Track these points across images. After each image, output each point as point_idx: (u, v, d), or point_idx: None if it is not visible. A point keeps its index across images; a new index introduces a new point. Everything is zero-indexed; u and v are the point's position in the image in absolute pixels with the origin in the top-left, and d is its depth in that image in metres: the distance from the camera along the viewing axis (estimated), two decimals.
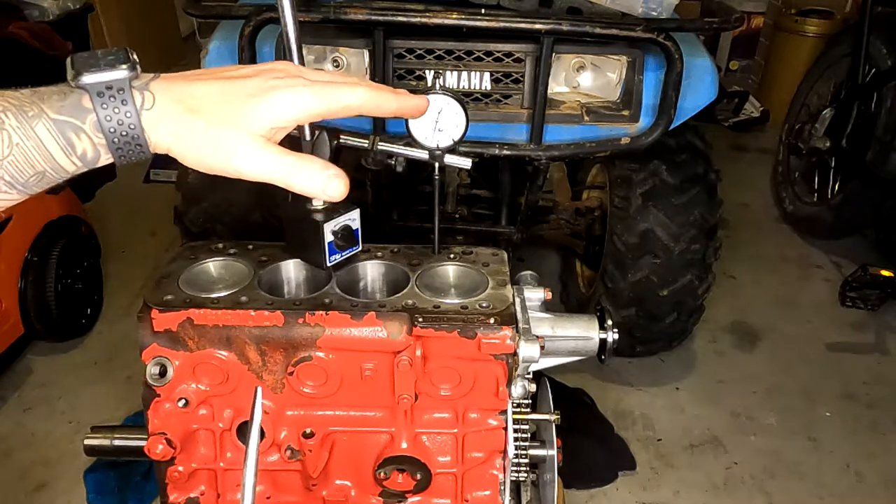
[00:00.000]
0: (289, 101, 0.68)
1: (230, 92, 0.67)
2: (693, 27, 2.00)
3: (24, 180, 0.62)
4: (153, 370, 1.00)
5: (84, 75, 0.63)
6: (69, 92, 0.63)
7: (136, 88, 0.64)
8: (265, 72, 0.70)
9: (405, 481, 1.09)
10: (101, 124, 0.63)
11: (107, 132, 0.63)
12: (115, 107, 0.63)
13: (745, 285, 3.33)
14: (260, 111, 0.67)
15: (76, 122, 0.63)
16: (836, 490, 2.32)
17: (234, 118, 0.67)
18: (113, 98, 0.63)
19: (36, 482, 2.26)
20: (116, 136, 0.64)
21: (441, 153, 1.08)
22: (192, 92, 0.67)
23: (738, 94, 4.99)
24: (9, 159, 0.61)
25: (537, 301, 1.16)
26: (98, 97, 0.63)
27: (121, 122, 0.63)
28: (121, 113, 0.63)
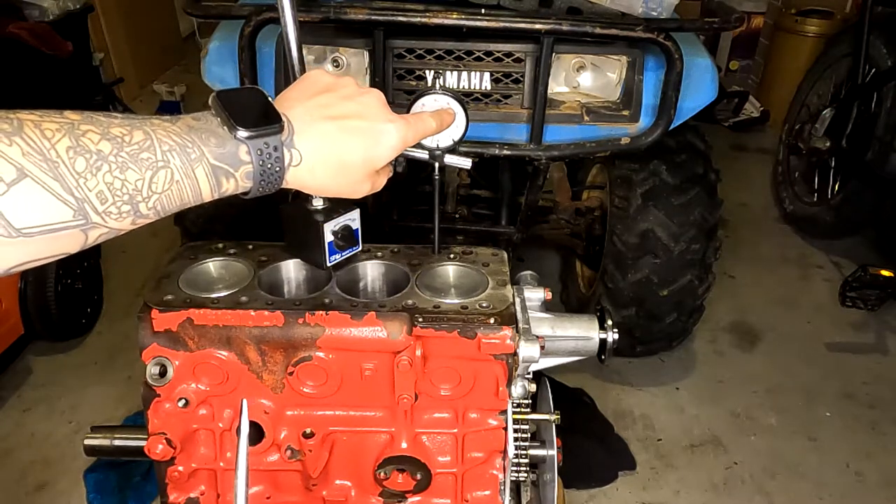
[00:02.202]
0: (395, 143, 0.84)
1: (360, 134, 0.81)
2: (693, 27, 2.00)
3: (169, 208, 0.69)
4: (153, 370, 1.00)
5: (244, 130, 0.71)
6: (227, 140, 0.71)
7: (285, 146, 0.75)
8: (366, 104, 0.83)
9: (405, 481, 1.09)
10: (253, 174, 0.73)
11: (256, 180, 0.73)
12: (269, 163, 0.73)
13: (745, 285, 3.33)
14: (377, 154, 0.83)
15: (230, 170, 0.71)
16: (836, 490, 2.32)
17: (363, 163, 0.81)
18: (269, 155, 0.73)
19: (36, 482, 2.26)
20: (262, 181, 0.74)
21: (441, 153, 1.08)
22: (325, 146, 0.78)
23: (738, 94, 4.99)
24: (166, 193, 0.67)
25: (537, 301, 1.16)
26: (257, 154, 0.72)
27: (270, 170, 0.73)
28: (272, 166, 0.73)
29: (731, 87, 5.08)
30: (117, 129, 0.64)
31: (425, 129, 0.91)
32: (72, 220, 0.62)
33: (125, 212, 0.65)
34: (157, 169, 0.66)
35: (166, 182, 0.66)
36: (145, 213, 0.67)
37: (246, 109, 0.72)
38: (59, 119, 0.62)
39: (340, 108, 0.81)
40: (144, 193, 0.65)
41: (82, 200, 0.62)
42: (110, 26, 4.80)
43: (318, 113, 0.79)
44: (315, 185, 0.81)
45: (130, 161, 0.64)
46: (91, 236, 0.64)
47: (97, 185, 0.62)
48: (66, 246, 0.64)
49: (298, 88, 0.83)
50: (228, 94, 0.74)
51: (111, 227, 0.65)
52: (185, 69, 5.61)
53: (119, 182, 0.63)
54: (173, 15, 5.81)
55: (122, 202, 0.64)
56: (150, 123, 0.67)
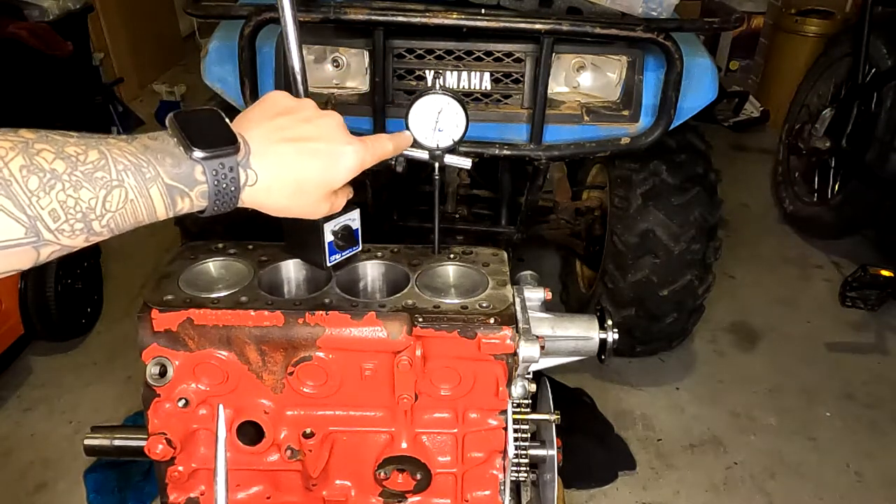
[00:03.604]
0: (353, 165, 0.85)
1: (315, 156, 0.82)
2: (693, 27, 2.00)
3: (123, 226, 0.70)
4: (153, 370, 1.00)
5: (200, 151, 0.72)
6: (183, 160, 0.72)
7: (241, 166, 0.76)
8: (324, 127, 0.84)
9: (405, 481, 1.09)
10: (208, 193, 0.73)
11: (211, 200, 0.74)
12: (224, 182, 0.74)
13: (745, 285, 3.33)
14: (334, 176, 0.84)
15: (185, 189, 0.72)
16: (836, 490, 2.32)
17: (320, 183, 0.83)
18: (224, 175, 0.73)
19: (36, 482, 2.26)
20: (217, 201, 0.74)
21: (441, 153, 1.08)
22: (282, 167, 0.79)
23: (738, 94, 4.99)
24: (119, 212, 0.68)
25: (537, 301, 1.16)
26: (212, 174, 0.73)
27: (224, 190, 0.74)
28: (227, 186, 0.74)
29: (731, 87, 5.08)
30: (72, 149, 0.65)
31: (383, 151, 0.92)
32: (24, 237, 0.62)
33: (78, 230, 0.66)
34: (112, 188, 0.66)
35: (120, 201, 0.67)
36: (98, 231, 0.67)
37: (202, 130, 0.73)
38: (14, 138, 0.62)
39: (299, 131, 0.81)
40: (98, 212, 0.66)
41: (34, 218, 0.62)
42: (110, 26, 4.80)
43: (276, 135, 0.80)
44: (272, 205, 0.81)
45: (84, 180, 0.65)
46: (43, 253, 0.65)
47: (50, 203, 0.63)
48: (17, 262, 0.64)
49: (257, 110, 0.84)
50: (185, 115, 0.75)
51: (63, 244, 0.66)
52: (185, 69, 5.61)
53: (73, 200, 0.64)
54: (173, 15, 5.81)
55: (74, 220, 0.65)
56: (105, 143, 0.68)
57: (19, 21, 3.47)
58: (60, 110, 3.72)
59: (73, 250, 0.68)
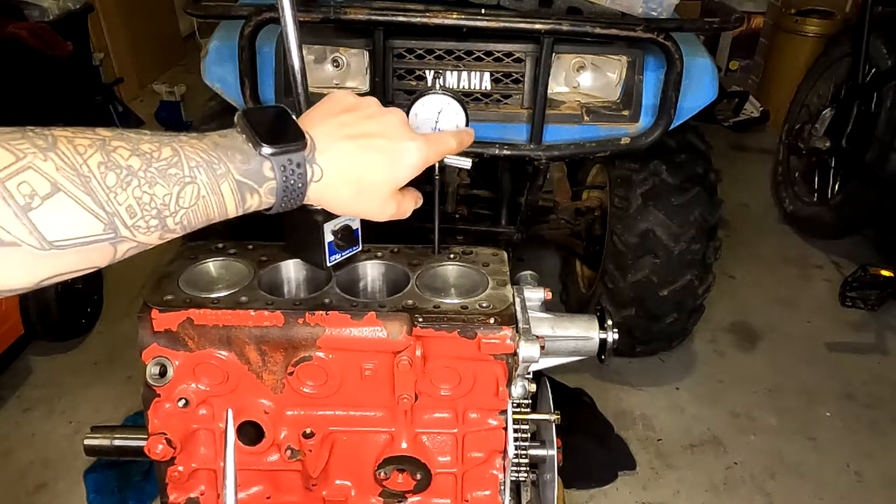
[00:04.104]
0: (416, 162, 0.85)
1: (380, 152, 0.82)
2: (693, 27, 2.00)
3: (195, 224, 0.71)
4: (153, 370, 1.00)
5: (268, 146, 0.73)
6: (252, 157, 0.73)
7: (307, 162, 0.76)
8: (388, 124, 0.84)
9: (405, 481, 1.09)
10: (276, 191, 0.74)
11: (279, 196, 0.75)
12: (292, 179, 0.75)
13: (745, 285, 3.33)
14: (397, 173, 0.84)
15: (255, 186, 0.73)
16: (836, 490, 2.32)
17: (384, 181, 0.83)
18: (292, 171, 0.74)
19: (36, 482, 2.26)
20: (284, 197, 0.76)
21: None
22: (346, 163, 0.80)
23: (738, 94, 4.99)
24: (192, 208, 0.69)
25: (537, 301, 1.16)
26: (280, 170, 0.74)
27: (292, 186, 0.75)
28: (295, 182, 0.75)
29: (731, 87, 5.08)
30: (146, 146, 0.66)
31: (446, 147, 0.93)
32: (102, 233, 0.63)
33: (153, 226, 0.67)
34: (185, 184, 0.67)
35: (193, 197, 0.68)
36: (172, 228, 0.68)
37: (270, 127, 0.74)
38: (92, 136, 0.64)
39: (362, 127, 0.82)
40: (172, 208, 0.67)
41: (113, 214, 0.63)
42: (110, 26, 4.80)
43: (340, 132, 0.81)
44: (336, 203, 0.82)
45: (159, 176, 0.66)
46: (120, 250, 0.66)
47: (127, 199, 0.64)
48: (96, 259, 0.65)
49: (322, 108, 0.85)
50: (254, 112, 0.76)
51: (139, 240, 0.67)
52: (185, 69, 5.61)
53: (148, 197, 0.65)
54: (173, 15, 5.81)
55: (150, 216, 0.66)
56: (178, 140, 0.69)
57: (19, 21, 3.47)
58: (60, 110, 3.72)
59: (147, 248, 0.69)
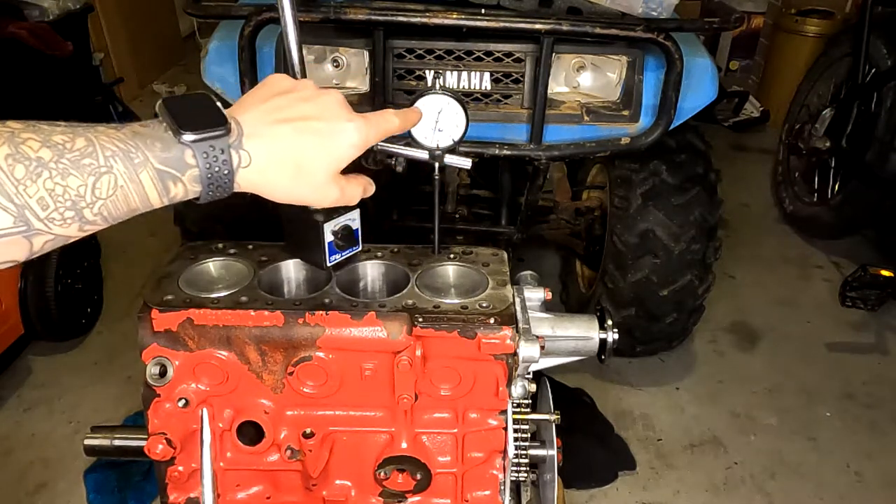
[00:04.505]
0: (356, 142, 0.82)
1: (313, 134, 0.79)
2: (693, 27, 2.00)
3: (116, 215, 0.69)
4: (153, 370, 1.00)
5: (189, 133, 0.70)
6: (172, 144, 0.70)
7: (233, 148, 0.73)
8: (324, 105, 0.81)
9: (405, 481, 1.09)
10: (200, 177, 0.72)
11: (204, 184, 0.72)
12: (216, 165, 0.72)
13: (745, 285, 3.33)
14: (336, 154, 0.80)
15: (176, 174, 0.71)
16: (836, 490, 2.32)
17: (320, 164, 0.79)
18: (215, 158, 0.72)
19: (36, 482, 2.26)
20: (210, 185, 0.73)
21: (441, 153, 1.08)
22: (278, 147, 0.77)
23: (738, 94, 4.99)
24: (111, 199, 0.67)
25: (537, 301, 1.16)
26: (203, 157, 0.71)
27: (217, 174, 0.72)
28: (220, 169, 0.72)
29: (731, 87, 5.08)
30: (59, 137, 0.65)
31: (387, 126, 0.88)
32: (12, 226, 0.63)
33: (69, 218, 0.65)
34: (100, 175, 0.66)
35: (110, 187, 0.67)
36: (91, 220, 0.67)
37: (192, 114, 0.72)
38: (0, 128, 0.63)
39: (296, 110, 0.79)
40: (88, 199, 0.66)
41: (22, 207, 0.62)
42: (110, 26, 4.80)
43: (271, 116, 0.78)
44: (272, 189, 0.78)
45: (72, 167, 0.65)
46: (36, 243, 0.65)
47: (38, 191, 0.63)
48: (12, 253, 0.64)
49: (255, 93, 0.82)
50: (175, 100, 0.74)
51: (56, 233, 0.66)
52: (185, 69, 5.61)
53: (61, 188, 0.64)
54: (173, 15, 5.81)
55: (64, 208, 0.65)
56: (93, 130, 0.67)
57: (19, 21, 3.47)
58: (60, 110, 3.72)
59: (70, 240, 0.67)
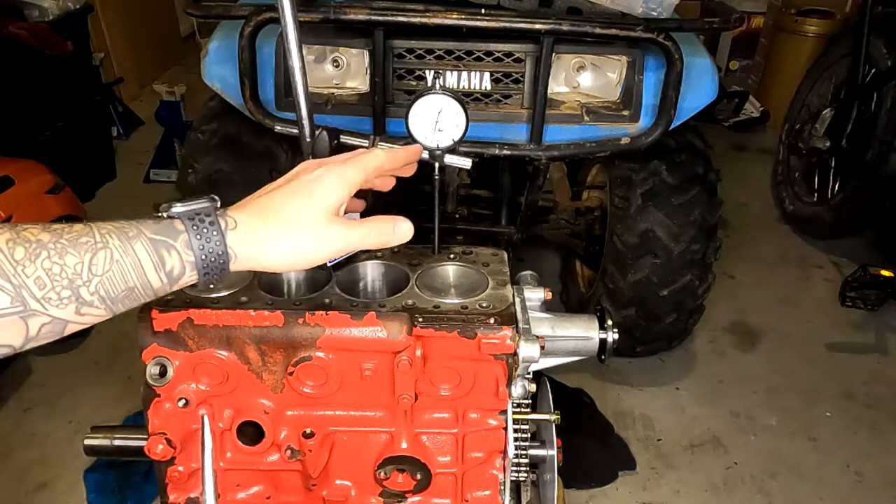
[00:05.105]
0: (336, 181, 0.81)
1: (292, 190, 0.79)
2: (693, 27, 2.00)
3: (114, 295, 0.69)
4: (153, 370, 1.00)
5: (176, 206, 0.74)
6: (164, 219, 0.74)
7: (219, 216, 0.75)
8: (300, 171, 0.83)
9: (405, 481, 1.09)
10: (192, 243, 0.72)
11: (197, 253, 0.73)
12: (204, 228, 0.73)
13: (745, 285, 3.33)
14: (315, 198, 0.79)
15: (169, 241, 0.72)
16: (836, 490, 2.32)
17: (305, 211, 0.78)
18: (202, 221, 0.73)
19: (36, 482, 2.26)
20: (204, 254, 0.73)
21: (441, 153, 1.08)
22: (264, 204, 0.78)
23: (738, 94, 4.99)
24: (108, 275, 0.68)
25: (537, 301, 1.16)
26: (189, 220, 0.73)
27: (209, 240, 0.73)
28: (209, 234, 0.73)
29: (731, 87, 5.08)
30: (57, 225, 0.67)
31: (370, 163, 0.86)
32: (9, 306, 0.64)
33: (65, 297, 0.66)
34: (97, 251, 0.67)
35: (106, 262, 0.67)
36: (88, 300, 0.67)
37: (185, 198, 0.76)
38: (4, 225, 0.65)
39: (279, 184, 0.82)
40: (84, 277, 0.66)
41: (19, 287, 0.63)
42: (110, 26, 4.80)
43: (259, 193, 0.82)
44: (266, 250, 0.77)
45: (70, 246, 0.66)
46: (33, 326, 0.65)
47: (35, 271, 0.64)
48: (7, 336, 0.65)
49: None
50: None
51: (53, 314, 0.66)
52: (185, 69, 5.60)
53: (58, 267, 0.65)
54: (173, 15, 5.81)
55: (61, 287, 0.65)
56: (90, 221, 0.70)
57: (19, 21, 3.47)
58: (60, 110, 3.72)
59: (67, 327, 0.68)
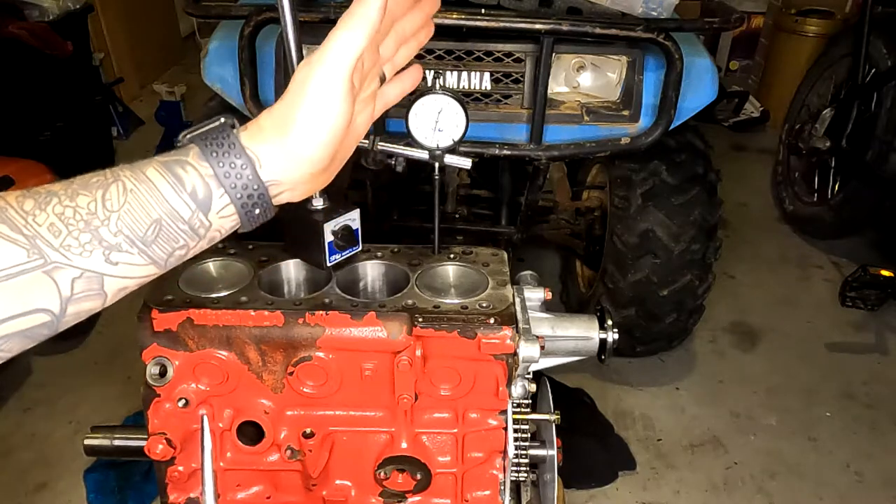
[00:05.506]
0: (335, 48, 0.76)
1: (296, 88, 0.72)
2: (693, 27, 2.00)
3: (141, 233, 0.62)
4: (153, 370, 1.00)
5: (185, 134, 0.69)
6: (171, 149, 0.68)
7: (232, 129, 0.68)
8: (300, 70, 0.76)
9: (405, 481, 1.09)
10: (204, 153, 0.66)
11: (210, 158, 0.66)
12: (213, 136, 0.67)
13: (745, 285, 3.33)
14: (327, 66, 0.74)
15: (180, 157, 0.66)
16: (836, 490, 2.32)
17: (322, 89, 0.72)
18: (214, 136, 0.67)
19: (36, 482, 2.26)
20: (220, 162, 0.66)
21: (441, 153, 1.08)
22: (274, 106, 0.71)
23: (738, 94, 4.99)
24: (125, 208, 0.62)
25: (537, 301, 1.16)
26: (200, 139, 0.67)
27: (220, 144, 0.66)
28: (218, 137, 0.67)
29: (731, 87, 5.08)
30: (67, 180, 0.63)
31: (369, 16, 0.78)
32: (27, 259, 0.58)
33: (86, 242, 0.60)
34: (108, 186, 0.62)
35: (120, 195, 0.62)
36: (114, 241, 0.61)
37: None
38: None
39: None
40: (101, 215, 0.61)
41: (33, 237, 0.58)
42: (110, 26, 4.80)
43: None
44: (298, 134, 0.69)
45: (80, 188, 0.61)
46: (62, 282, 0.59)
47: (47, 218, 0.59)
48: (37, 297, 0.59)
49: None
50: None
51: (79, 265, 0.60)
52: (185, 69, 5.60)
53: (70, 210, 0.60)
54: (173, 15, 5.81)
55: (77, 230, 0.60)
56: None
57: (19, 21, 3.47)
58: (60, 110, 3.72)
59: (104, 279, 0.62)
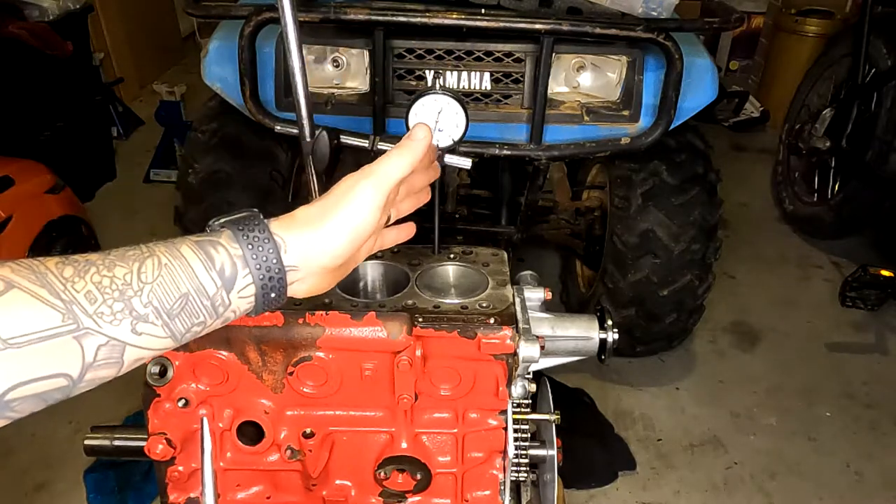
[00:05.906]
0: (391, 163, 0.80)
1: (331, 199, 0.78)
2: (693, 27, 2.00)
3: (169, 307, 0.67)
4: (153, 370, 1.00)
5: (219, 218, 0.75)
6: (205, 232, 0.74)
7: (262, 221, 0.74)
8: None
9: (405, 481, 1.09)
10: (235, 235, 0.72)
11: (243, 244, 0.71)
12: (249, 224, 0.73)
13: (745, 285, 3.33)
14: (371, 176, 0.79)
15: (214, 239, 0.72)
16: (836, 490, 2.32)
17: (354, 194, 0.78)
18: (246, 223, 0.73)
19: (36, 482, 2.26)
20: (250, 244, 0.72)
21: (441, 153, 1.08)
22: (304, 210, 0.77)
23: (738, 94, 4.99)
24: (158, 281, 0.66)
25: (537, 301, 1.16)
26: (234, 225, 0.73)
27: (253, 234, 0.72)
28: (252, 229, 0.72)
29: (731, 87, 5.08)
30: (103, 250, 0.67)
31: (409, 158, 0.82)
32: (61, 324, 0.61)
33: (118, 311, 0.64)
34: (144, 259, 0.66)
35: (154, 268, 0.66)
36: (143, 312, 0.65)
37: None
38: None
39: None
40: (135, 286, 0.65)
41: (70, 302, 0.61)
42: (110, 26, 4.80)
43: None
44: (326, 239, 0.76)
45: (118, 259, 0.65)
46: (88, 348, 0.63)
47: (85, 286, 0.62)
48: (61, 362, 0.62)
49: None
50: None
51: (108, 333, 0.63)
52: (185, 69, 5.60)
53: (108, 280, 0.64)
54: (173, 15, 5.81)
55: (112, 299, 0.63)
56: None
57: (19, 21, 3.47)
58: (60, 110, 3.72)
59: (125, 348, 0.65)
